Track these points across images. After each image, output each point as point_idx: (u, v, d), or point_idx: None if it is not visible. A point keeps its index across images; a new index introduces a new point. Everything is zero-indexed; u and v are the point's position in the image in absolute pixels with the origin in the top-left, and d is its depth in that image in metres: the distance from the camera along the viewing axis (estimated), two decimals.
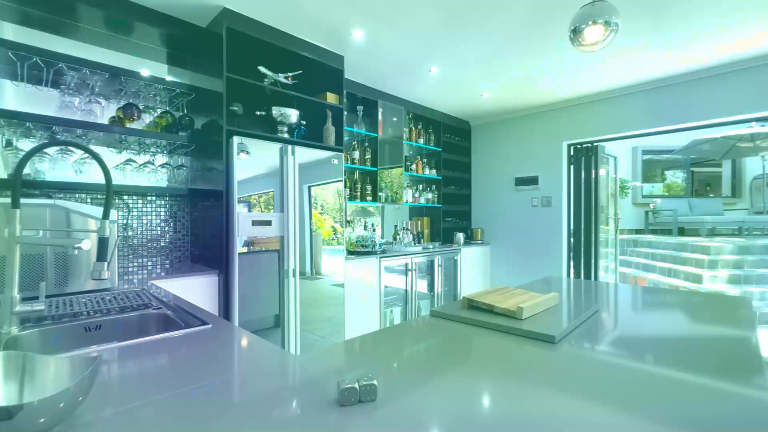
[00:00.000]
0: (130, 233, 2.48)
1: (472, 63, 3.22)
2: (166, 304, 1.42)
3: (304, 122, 2.96)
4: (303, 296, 2.72)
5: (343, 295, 3.02)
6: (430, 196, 4.54)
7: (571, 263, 4.36)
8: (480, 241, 4.83)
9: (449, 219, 4.87)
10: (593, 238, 4.27)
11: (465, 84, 3.72)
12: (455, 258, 4.37)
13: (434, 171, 4.58)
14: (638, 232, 9.05)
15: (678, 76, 3.45)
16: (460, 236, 4.57)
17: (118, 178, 2.35)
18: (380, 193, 3.88)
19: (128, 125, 2.35)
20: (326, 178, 2.95)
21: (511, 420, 0.63)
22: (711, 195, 10.20)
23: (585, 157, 4.30)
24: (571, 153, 4.37)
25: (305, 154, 2.73)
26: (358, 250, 3.43)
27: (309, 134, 3.04)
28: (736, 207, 9.12)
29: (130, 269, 2.42)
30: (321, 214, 3.05)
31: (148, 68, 2.55)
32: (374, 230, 3.81)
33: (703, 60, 3.13)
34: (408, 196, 4.26)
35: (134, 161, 2.41)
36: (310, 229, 2.86)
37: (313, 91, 3.00)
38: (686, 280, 5.46)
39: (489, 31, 2.66)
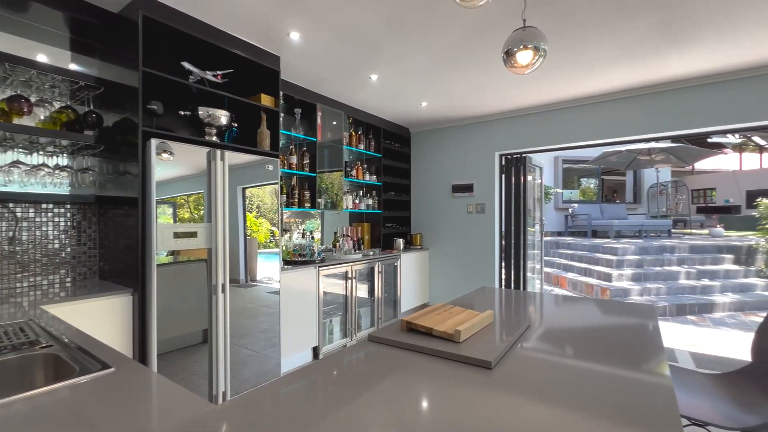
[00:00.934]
0: (17, 248, 2.10)
1: (412, 73, 3.26)
2: (59, 340, 1.20)
3: (236, 124, 2.76)
4: (236, 306, 2.54)
5: (279, 306, 2.87)
6: (370, 202, 4.52)
7: (503, 264, 4.62)
8: (419, 247, 4.92)
9: (389, 224, 4.90)
10: (522, 241, 4.57)
11: (405, 93, 3.76)
12: (395, 264, 4.40)
13: (374, 177, 4.57)
14: (559, 234, 9.93)
15: (591, 97, 3.81)
16: (400, 242, 4.61)
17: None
18: (319, 199, 3.77)
19: (16, 121, 1.99)
20: (261, 180, 2.78)
21: None
22: (617, 201, 11.55)
23: (515, 167, 4.58)
24: (503, 163, 4.64)
25: (239, 156, 2.54)
26: (296, 259, 3.29)
27: (242, 137, 2.85)
28: (637, 212, 10.44)
29: (19, 290, 2.05)
30: (257, 217, 2.87)
31: (46, 54, 2.19)
32: (313, 238, 3.69)
33: (609, 86, 3.49)
34: (348, 202, 4.20)
35: (23, 163, 2.05)
36: (244, 233, 2.68)
37: (246, 92, 2.81)
38: (599, 279, 6.08)
39: (429, 45, 2.70)
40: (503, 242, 4.62)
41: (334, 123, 3.98)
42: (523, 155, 4.55)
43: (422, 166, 5.10)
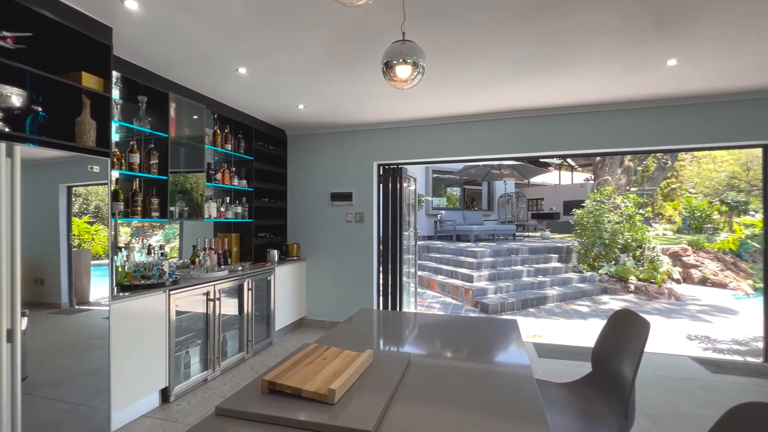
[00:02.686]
0: None
1: (286, 72, 2.97)
2: None
3: (41, 109, 2.05)
4: (56, 341, 1.89)
5: (109, 341, 2.24)
6: (239, 209, 4.03)
7: (380, 270, 4.66)
8: (296, 257, 4.61)
9: (263, 234, 4.46)
10: (398, 249, 4.69)
11: (279, 92, 3.44)
12: (269, 278, 4.00)
13: (245, 182, 4.09)
14: (430, 238, 10.77)
15: (461, 116, 4.14)
16: (275, 253, 4.23)
17: None
18: (173, 207, 3.14)
19: None
20: (90, 180, 2.15)
21: None
22: (476, 208, 13.18)
23: (392, 177, 4.69)
24: (381, 172, 4.70)
25: (53, 150, 1.88)
26: (138, 283, 2.65)
27: (55, 127, 2.14)
28: (491, 218, 12.09)
29: None
30: (91, 222, 2.20)
31: None
32: (163, 255, 3.04)
33: (477, 108, 3.84)
34: (212, 210, 3.64)
35: None
36: (69, 245, 2.02)
37: (61, 68, 2.12)
38: (463, 281, 6.73)
39: (303, 44, 2.48)
40: (381, 249, 4.68)
41: (195, 117, 3.40)
42: (400, 166, 4.69)
43: (300, 171, 4.81)
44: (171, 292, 2.75)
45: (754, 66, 2.88)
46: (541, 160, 13.21)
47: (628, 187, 12.87)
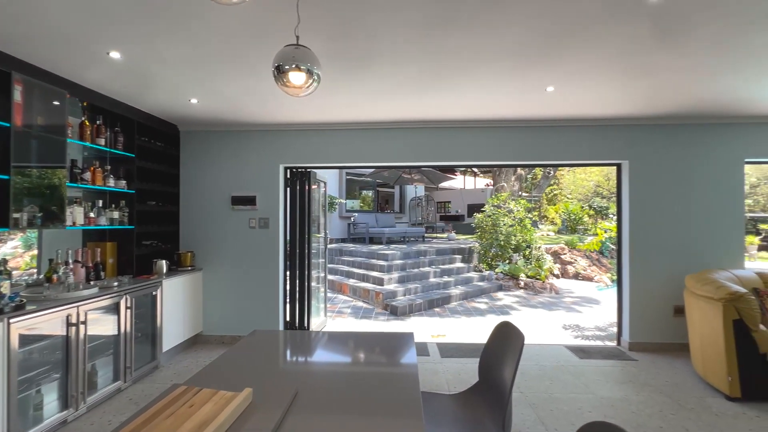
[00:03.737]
0: None
1: (169, 62, 2.63)
2: None
3: None
4: None
5: None
6: (116, 215, 3.46)
7: (287, 278, 4.45)
8: (190, 267, 4.15)
9: (148, 242, 3.92)
10: (306, 255, 4.53)
11: (166, 83, 3.04)
12: (154, 293, 3.52)
13: (124, 182, 3.54)
14: (343, 241, 10.72)
15: (370, 123, 4.16)
16: (163, 264, 3.74)
17: None
18: (18, 214, 2.55)
19: None
20: None
21: None
22: (388, 211, 13.53)
23: (300, 180, 4.51)
24: (288, 176, 4.48)
25: None
26: None
27: None
28: (402, 220, 12.52)
29: None
30: None
31: None
32: (3, 272, 2.44)
33: (384, 116, 3.89)
34: (77, 216, 3.06)
35: None
36: None
37: None
38: (374, 284, 6.81)
39: (189, 37, 2.20)
40: (289, 255, 4.47)
41: (56, 103, 2.82)
42: (309, 170, 4.53)
43: (197, 171, 4.34)
44: (11, 320, 2.22)
45: (612, 98, 3.40)
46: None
47: (520, 193, 14.46)
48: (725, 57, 2.58)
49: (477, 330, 5.03)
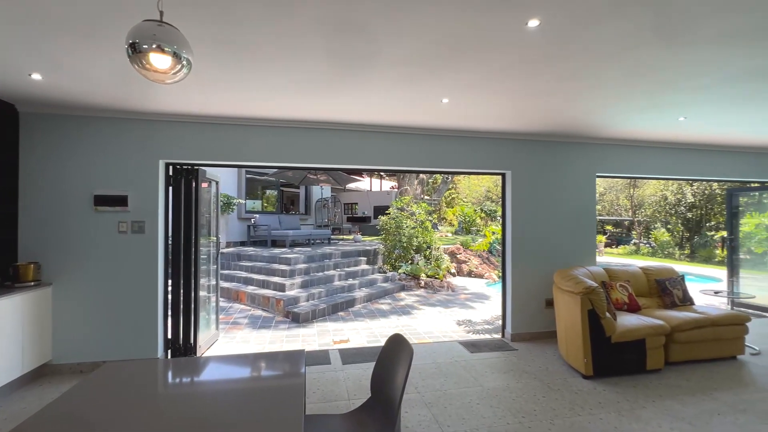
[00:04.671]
0: None
1: None
2: None
3: None
4: None
5: None
6: None
7: (169, 288, 3.91)
8: (33, 282, 3.34)
9: None
10: (194, 262, 4.03)
11: None
12: None
13: None
14: (242, 244, 9.96)
15: (268, 120, 3.88)
16: None
17: None
18: None
19: None
20: None
21: None
22: (293, 212, 13.04)
23: (186, 179, 3.99)
24: (171, 173, 3.93)
25: None
26: None
27: None
28: (307, 222, 12.17)
29: None
30: None
31: None
32: None
33: (285, 114, 3.67)
34: None
35: None
36: None
37: None
38: (275, 290, 6.43)
39: None
40: (171, 262, 3.92)
41: None
42: (197, 167, 4.04)
43: (45, 164, 3.52)
44: None
45: (497, 114, 3.74)
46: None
47: (422, 196, 15.26)
48: (583, 85, 3.01)
49: (380, 332, 5.08)
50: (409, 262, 9.05)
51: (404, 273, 8.60)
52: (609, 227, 19.03)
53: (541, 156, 4.71)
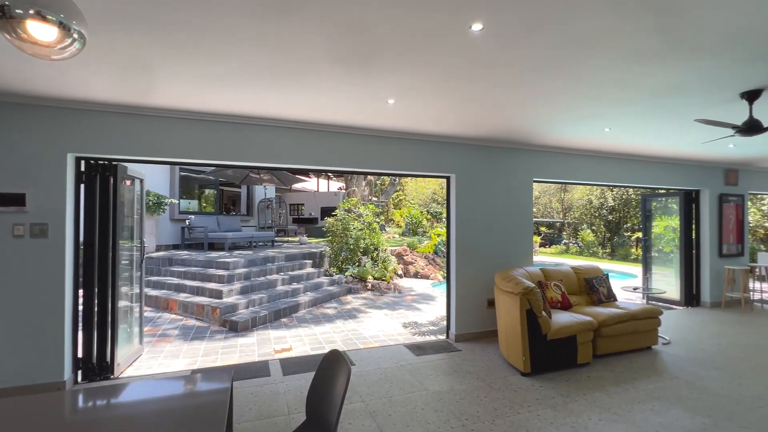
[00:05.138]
0: None
1: None
2: None
3: None
4: None
5: None
6: None
7: (80, 293, 3.43)
8: None
9: None
10: (111, 267, 3.57)
11: None
12: None
13: None
14: (175, 247, 9.18)
15: (202, 113, 3.56)
16: None
17: None
18: None
19: None
20: None
21: None
22: (234, 213, 12.33)
23: (102, 176, 3.53)
24: (83, 168, 3.45)
25: None
26: None
27: None
28: (250, 224, 11.56)
29: None
30: None
31: None
32: None
33: (214, 107, 3.38)
34: None
35: None
36: None
37: None
38: (211, 297, 5.97)
39: None
40: (84, 270, 3.44)
41: None
42: (115, 163, 3.59)
43: None
44: None
45: (442, 117, 3.76)
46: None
47: (370, 198, 15.23)
48: (524, 94, 3.12)
49: (325, 338, 4.91)
50: (356, 264, 8.94)
51: (351, 275, 8.47)
52: (543, 228, 20.42)
53: (484, 160, 4.86)
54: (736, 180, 6.84)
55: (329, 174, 19.68)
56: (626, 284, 5.78)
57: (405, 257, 10.31)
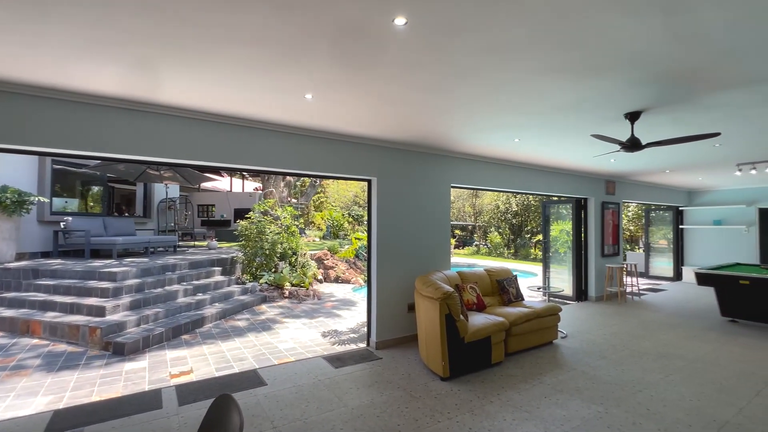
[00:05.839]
0: None
1: None
2: None
3: None
4: None
5: None
6: None
7: None
8: None
9: None
10: None
11: None
12: None
13: None
14: (45, 255, 7.61)
15: (79, 94, 2.89)
16: None
17: None
18: None
19: None
20: None
21: None
22: (127, 214, 10.72)
23: None
24: None
25: None
26: None
27: None
28: (147, 226, 10.13)
29: None
30: None
31: None
32: None
33: (90, 87, 2.78)
34: None
35: None
36: None
37: None
38: (89, 315, 5.00)
39: None
40: None
41: None
42: None
43: None
44: None
45: (364, 118, 3.62)
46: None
47: (289, 199, 14.57)
48: (444, 99, 3.12)
49: (234, 355, 4.41)
50: (273, 270, 8.38)
51: (267, 283, 7.89)
52: (457, 231, 21.69)
53: (405, 165, 4.85)
54: (614, 190, 7.94)
55: (245, 173, 18.44)
56: (530, 283, 6.30)
57: (325, 261, 9.99)
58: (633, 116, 3.47)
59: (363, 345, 4.75)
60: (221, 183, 18.28)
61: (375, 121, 3.73)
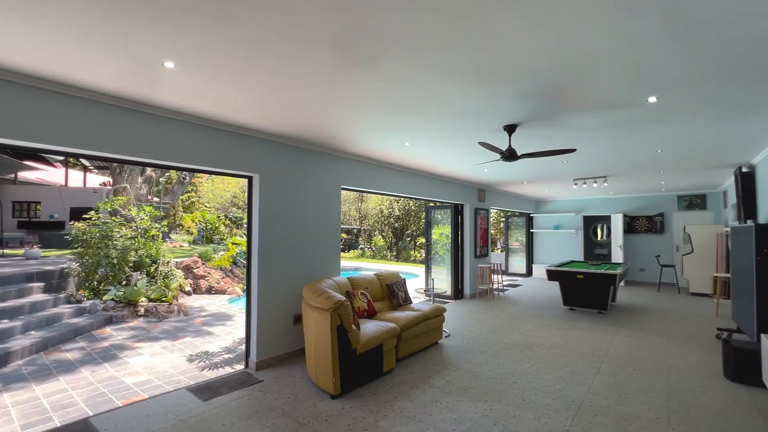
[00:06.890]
0: None
1: None
2: None
3: None
4: None
5: None
6: None
7: None
8: None
9: None
10: None
11: None
12: None
13: None
14: None
15: None
16: None
17: None
18: None
19: None
20: None
21: None
22: None
23: None
24: None
25: None
26: None
27: None
28: None
29: None
30: None
31: None
32: None
33: None
34: None
35: None
36: None
37: None
38: None
39: None
40: None
41: None
42: None
43: None
44: None
45: (245, 104, 3.09)
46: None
47: (149, 198, 12.35)
48: (336, 89, 2.84)
49: (56, 401, 3.30)
50: (123, 283, 6.84)
51: (113, 299, 6.38)
52: (343, 235, 21.70)
53: (292, 162, 4.41)
54: (485, 197, 8.86)
55: (85, 164, 15.04)
56: (412, 284, 6.49)
57: (195, 270, 8.68)
58: (510, 128, 3.76)
59: (240, 367, 4.11)
60: (51, 174, 14.58)
61: (258, 107, 3.23)
